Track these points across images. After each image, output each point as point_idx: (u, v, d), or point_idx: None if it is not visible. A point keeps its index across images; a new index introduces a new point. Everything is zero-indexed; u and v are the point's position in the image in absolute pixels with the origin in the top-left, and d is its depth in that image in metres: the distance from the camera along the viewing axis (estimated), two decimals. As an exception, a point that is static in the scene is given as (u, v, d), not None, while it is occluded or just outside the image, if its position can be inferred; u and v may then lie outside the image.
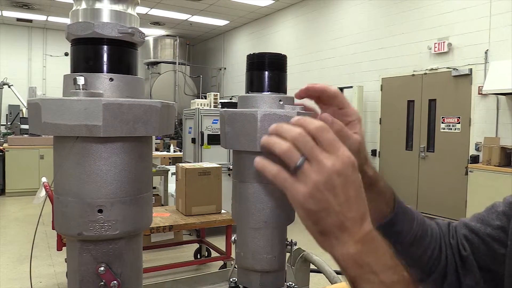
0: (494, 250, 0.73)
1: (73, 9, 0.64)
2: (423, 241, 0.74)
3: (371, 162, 0.67)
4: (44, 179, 3.70)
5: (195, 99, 6.74)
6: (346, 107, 0.62)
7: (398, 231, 0.72)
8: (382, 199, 0.70)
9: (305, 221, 0.52)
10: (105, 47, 0.62)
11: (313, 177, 0.49)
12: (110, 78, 0.61)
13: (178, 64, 13.69)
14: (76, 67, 0.63)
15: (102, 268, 0.60)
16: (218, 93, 6.91)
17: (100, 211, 0.59)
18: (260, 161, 0.52)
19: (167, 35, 14.23)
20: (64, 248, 3.25)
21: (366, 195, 0.61)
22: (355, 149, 0.61)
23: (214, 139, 5.71)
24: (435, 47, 7.05)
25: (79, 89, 0.58)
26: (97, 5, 0.62)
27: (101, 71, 0.62)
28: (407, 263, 0.76)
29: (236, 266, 0.67)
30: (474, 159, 6.26)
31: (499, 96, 6.14)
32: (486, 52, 6.32)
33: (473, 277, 0.75)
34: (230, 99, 11.98)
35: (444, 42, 6.90)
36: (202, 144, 5.75)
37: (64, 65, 12.82)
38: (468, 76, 6.58)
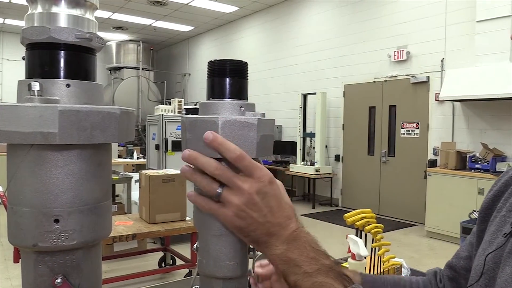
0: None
1: (28, 13, 0.62)
2: None
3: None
4: (-1, 188, 3.54)
5: (159, 105, 6.67)
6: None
7: None
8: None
9: (238, 235, 0.60)
10: (62, 52, 0.61)
11: (234, 201, 0.57)
12: (67, 84, 0.60)
13: (142, 69, 13.49)
14: (31, 73, 0.62)
15: (59, 280, 0.58)
16: (183, 99, 6.86)
17: (57, 221, 0.57)
18: (191, 196, 0.60)
19: (130, 40, 14.01)
20: (20, 260, 3.12)
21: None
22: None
23: (178, 146, 5.65)
24: (394, 55, 7.28)
25: (34, 95, 0.56)
26: (54, 9, 0.61)
27: (58, 77, 0.60)
28: None
29: (198, 273, 0.66)
30: (432, 163, 6.49)
31: (455, 102, 6.41)
32: (442, 61, 6.60)
33: None
34: (195, 105, 11.89)
35: (403, 50, 7.14)
36: (166, 150, 5.69)
37: (22, 69, 12.31)
38: (425, 83, 6.83)
